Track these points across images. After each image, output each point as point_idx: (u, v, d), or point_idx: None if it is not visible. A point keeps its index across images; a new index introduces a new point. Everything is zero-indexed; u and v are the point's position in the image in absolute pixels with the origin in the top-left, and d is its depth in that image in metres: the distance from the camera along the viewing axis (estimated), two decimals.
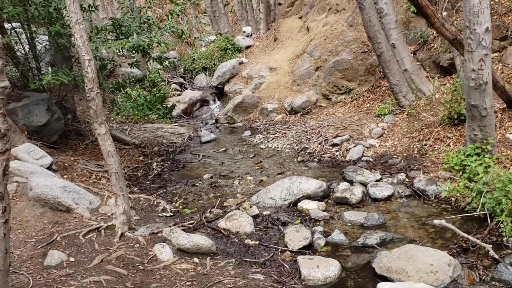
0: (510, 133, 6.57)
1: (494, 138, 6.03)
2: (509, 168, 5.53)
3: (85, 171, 7.19)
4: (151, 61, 8.80)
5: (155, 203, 6.29)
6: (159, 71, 15.38)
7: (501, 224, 4.66)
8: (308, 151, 8.81)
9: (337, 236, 5.10)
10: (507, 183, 4.81)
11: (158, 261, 4.41)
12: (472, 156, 5.95)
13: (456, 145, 6.78)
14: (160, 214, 5.90)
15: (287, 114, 11.96)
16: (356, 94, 11.35)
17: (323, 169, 7.76)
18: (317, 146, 8.89)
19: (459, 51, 6.91)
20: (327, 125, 9.59)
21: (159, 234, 5.00)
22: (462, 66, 7.50)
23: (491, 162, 5.71)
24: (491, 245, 4.37)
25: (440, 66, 9.54)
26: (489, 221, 4.86)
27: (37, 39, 8.44)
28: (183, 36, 8.66)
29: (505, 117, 6.98)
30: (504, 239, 4.51)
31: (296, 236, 5.02)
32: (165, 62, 11.09)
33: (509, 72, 8.12)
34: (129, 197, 5.88)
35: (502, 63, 8.45)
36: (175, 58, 18.86)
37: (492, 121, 5.89)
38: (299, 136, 9.68)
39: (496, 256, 4.25)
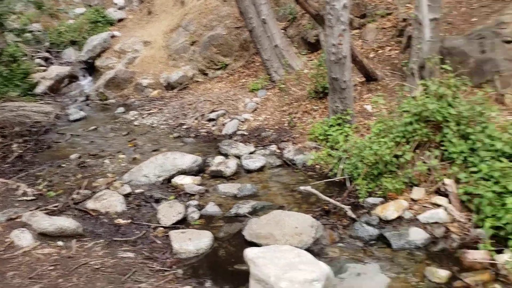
0: (367, 104, 7.17)
1: (353, 109, 6.55)
2: (365, 136, 6.05)
3: None
4: (7, 33, 7.91)
5: (15, 187, 5.74)
6: (19, 44, 13.89)
7: (357, 187, 5.10)
8: (184, 126, 8.73)
9: (211, 208, 5.17)
10: (362, 149, 5.24)
11: (16, 248, 4.05)
12: (334, 126, 6.41)
13: (321, 117, 7.23)
14: (20, 199, 5.40)
15: (163, 90, 11.67)
16: (232, 70, 11.44)
17: (199, 144, 7.76)
18: (194, 122, 8.84)
19: (322, 27, 7.30)
20: (204, 100, 9.57)
21: (18, 220, 4.61)
22: (325, 41, 7.96)
23: (350, 131, 6.21)
24: (349, 207, 4.78)
25: (307, 42, 10.00)
26: (348, 185, 5.29)
27: None
28: (43, 8, 7.89)
29: (364, 90, 7.59)
30: (361, 200, 4.96)
31: (169, 211, 4.97)
32: (26, 34, 10.04)
33: (368, 48, 8.81)
34: None
35: (362, 40, 9.13)
36: (39, 31, 17.16)
37: (350, 93, 6.38)
38: (176, 111, 9.53)
39: (354, 216, 4.67)
